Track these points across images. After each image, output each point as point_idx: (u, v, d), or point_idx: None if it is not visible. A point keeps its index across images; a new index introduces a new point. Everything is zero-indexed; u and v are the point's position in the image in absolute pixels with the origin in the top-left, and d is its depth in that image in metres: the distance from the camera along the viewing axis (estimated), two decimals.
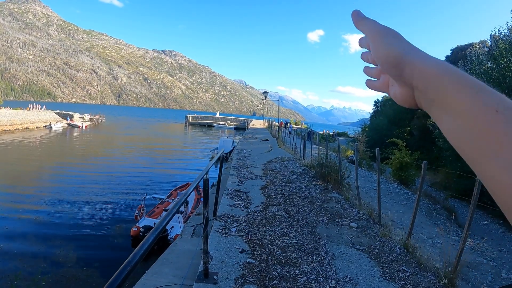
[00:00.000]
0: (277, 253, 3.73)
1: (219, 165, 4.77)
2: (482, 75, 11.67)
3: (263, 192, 6.62)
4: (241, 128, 58.16)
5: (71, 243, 8.71)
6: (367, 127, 32.91)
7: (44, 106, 48.14)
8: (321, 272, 3.36)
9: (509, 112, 0.25)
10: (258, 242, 3.99)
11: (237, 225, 4.52)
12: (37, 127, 38.32)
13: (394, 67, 0.33)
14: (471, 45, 25.60)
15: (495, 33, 14.43)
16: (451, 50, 29.47)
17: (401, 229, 5.67)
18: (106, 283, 0.80)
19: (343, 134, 53.81)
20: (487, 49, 17.04)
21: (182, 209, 9.03)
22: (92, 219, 10.66)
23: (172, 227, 8.56)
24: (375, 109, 41.86)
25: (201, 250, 3.09)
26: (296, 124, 56.71)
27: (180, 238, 4.59)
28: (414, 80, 0.32)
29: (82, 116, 51.35)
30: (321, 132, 39.34)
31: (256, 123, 58.57)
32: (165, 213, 1.53)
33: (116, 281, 0.82)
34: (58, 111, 48.60)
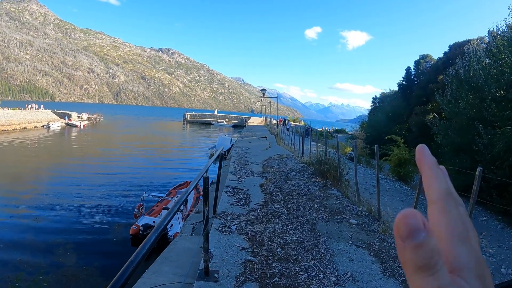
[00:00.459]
0: (278, 250, 3.74)
1: (218, 163, 4.76)
2: (480, 72, 11.67)
3: (263, 189, 6.63)
4: (239, 126, 58.16)
5: (71, 243, 8.70)
6: (365, 124, 33.00)
7: (42, 106, 47.82)
8: (322, 269, 3.37)
9: None
10: (258, 239, 4.00)
11: (237, 222, 4.52)
12: (35, 127, 38.12)
13: None
14: (469, 41, 25.58)
15: (493, 29, 14.40)
16: (449, 46, 29.42)
17: None
18: (109, 283, 0.80)
19: (342, 131, 53.94)
20: (485, 46, 17.02)
21: (181, 207, 9.00)
22: (91, 218, 10.65)
23: (172, 225, 8.50)
24: (373, 106, 41.96)
25: (201, 248, 3.09)
26: (294, 121, 56.71)
27: (180, 236, 4.60)
28: None
29: (80, 115, 51.11)
30: (319, 129, 39.39)
31: (255, 121, 58.51)
32: (165, 212, 1.53)
33: (119, 281, 0.81)
34: (56, 110, 48.27)
